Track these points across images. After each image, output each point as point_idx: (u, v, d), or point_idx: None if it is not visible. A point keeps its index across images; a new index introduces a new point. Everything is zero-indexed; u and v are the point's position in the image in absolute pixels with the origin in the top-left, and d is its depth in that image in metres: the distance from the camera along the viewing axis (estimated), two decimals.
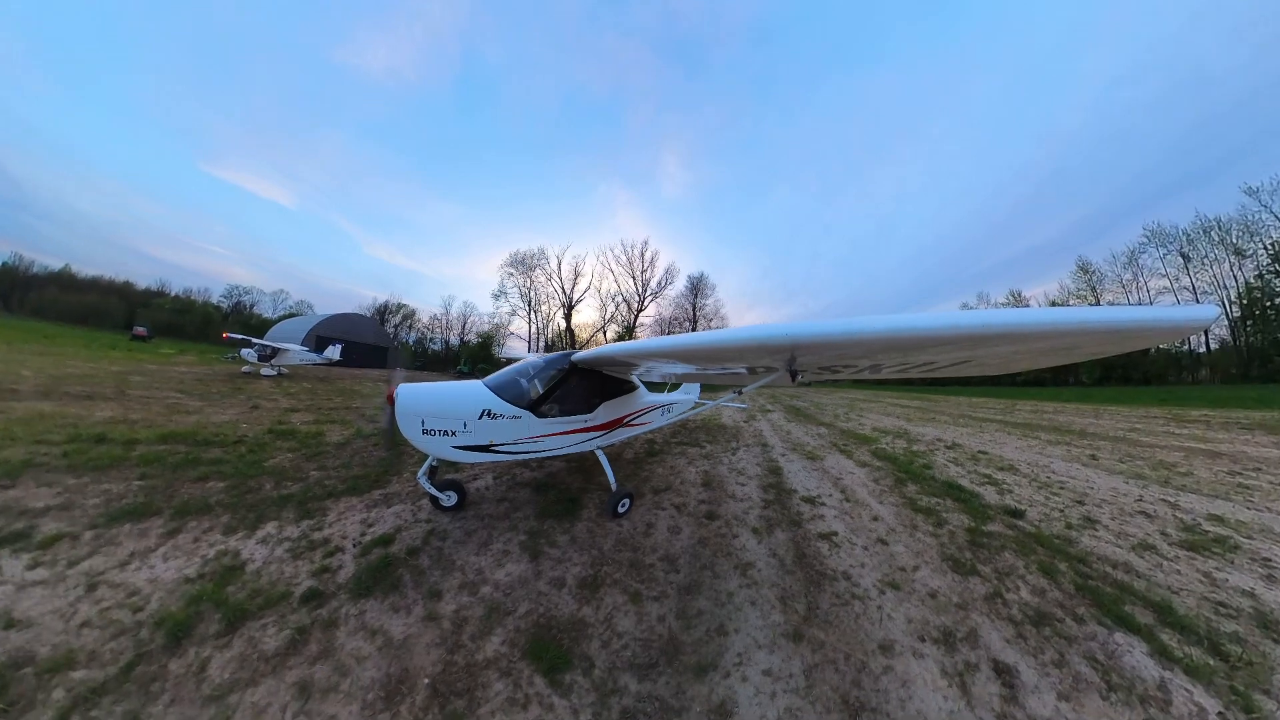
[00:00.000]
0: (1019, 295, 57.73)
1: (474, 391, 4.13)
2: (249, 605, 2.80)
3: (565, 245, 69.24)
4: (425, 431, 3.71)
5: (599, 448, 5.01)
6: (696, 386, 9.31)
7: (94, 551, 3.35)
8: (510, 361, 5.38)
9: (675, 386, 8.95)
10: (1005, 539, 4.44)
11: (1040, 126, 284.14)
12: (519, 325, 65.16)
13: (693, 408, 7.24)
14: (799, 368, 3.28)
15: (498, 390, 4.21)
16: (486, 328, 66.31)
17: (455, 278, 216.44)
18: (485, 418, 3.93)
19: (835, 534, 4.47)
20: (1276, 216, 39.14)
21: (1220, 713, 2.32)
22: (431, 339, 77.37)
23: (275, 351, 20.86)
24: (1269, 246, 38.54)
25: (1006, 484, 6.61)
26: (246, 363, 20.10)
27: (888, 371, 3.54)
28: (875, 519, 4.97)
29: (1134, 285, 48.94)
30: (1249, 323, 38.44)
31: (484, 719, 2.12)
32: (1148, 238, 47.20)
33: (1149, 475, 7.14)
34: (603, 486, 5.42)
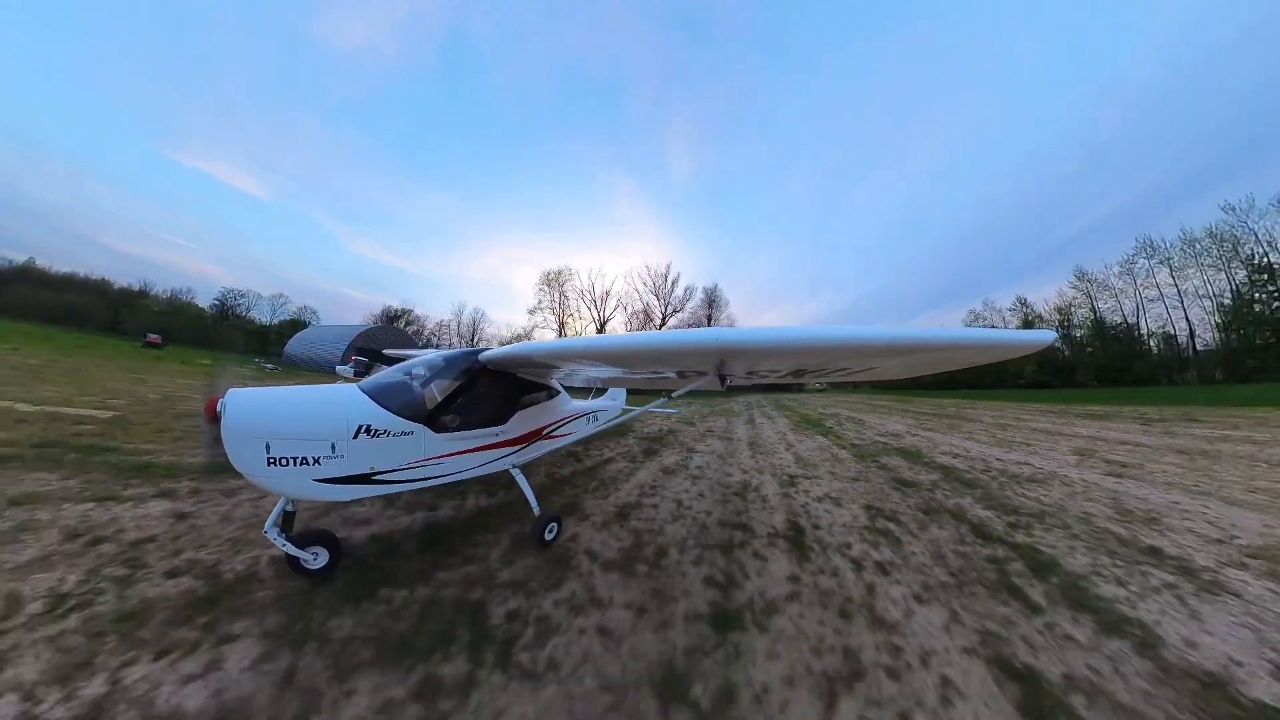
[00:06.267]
0: (1024, 301, 68.13)
1: (345, 400, 3.55)
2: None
3: (597, 268, 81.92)
4: (272, 461, 2.98)
5: (514, 465, 4.77)
6: (622, 392, 9.52)
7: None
8: (395, 360, 4.68)
9: (601, 393, 9.18)
10: (817, 430, 15.61)
11: (1105, 76, 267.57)
12: (543, 336, 72.20)
13: (620, 415, 7.26)
14: (727, 371, 3.59)
15: (380, 397, 3.67)
16: (507, 337, 75.34)
17: (448, 276, 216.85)
18: (363, 435, 3.37)
19: (765, 429, 16.12)
20: (1254, 232, 47.08)
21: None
22: (438, 349, 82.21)
23: (370, 367, 24.90)
24: (1245, 260, 47.90)
25: (845, 425, 17.68)
26: (341, 378, 22.14)
27: (810, 377, 4.22)
28: (780, 427, 16.59)
29: (1126, 293, 58.48)
30: (1232, 330, 46.56)
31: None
32: (1137, 248, 57.16)
33: (942, 428, 17.18)
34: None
